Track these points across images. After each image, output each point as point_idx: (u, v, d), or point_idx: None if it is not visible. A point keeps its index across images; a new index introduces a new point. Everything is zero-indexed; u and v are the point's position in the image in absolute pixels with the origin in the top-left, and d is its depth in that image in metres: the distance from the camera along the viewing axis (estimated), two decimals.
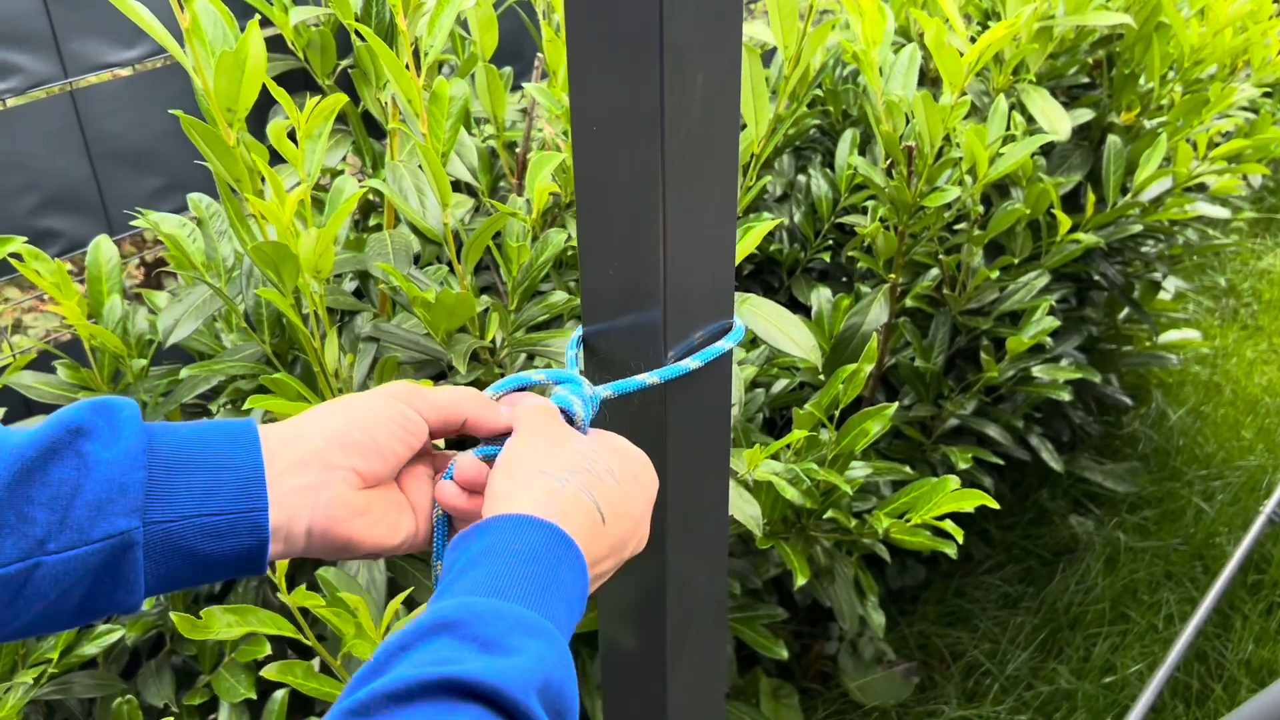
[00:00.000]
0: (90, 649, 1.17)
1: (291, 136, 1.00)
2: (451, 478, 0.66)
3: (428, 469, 0.68)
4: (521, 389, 0.70)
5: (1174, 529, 2.38)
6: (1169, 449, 2.62)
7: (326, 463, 0.60)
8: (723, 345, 0.73)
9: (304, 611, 1.04)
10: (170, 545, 0.55)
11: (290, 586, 0.98)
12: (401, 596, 0.94)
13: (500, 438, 0.67)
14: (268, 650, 1.15)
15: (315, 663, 1.08)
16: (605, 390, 0.69)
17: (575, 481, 0.61)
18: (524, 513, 0.58)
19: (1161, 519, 2.41)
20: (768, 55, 1.94)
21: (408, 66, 1.07)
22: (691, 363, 0.70)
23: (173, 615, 0.99)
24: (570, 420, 0.68)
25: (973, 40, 1.60)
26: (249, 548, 0.57)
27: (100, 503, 0.53)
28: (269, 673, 1.02)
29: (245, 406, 0.98)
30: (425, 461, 0.68)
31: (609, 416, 0.73)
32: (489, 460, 0.66)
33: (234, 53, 0.89)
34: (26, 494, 0.52)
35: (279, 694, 1.15)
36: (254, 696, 1.15)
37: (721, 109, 0.66)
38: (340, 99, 1.00)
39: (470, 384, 1.16)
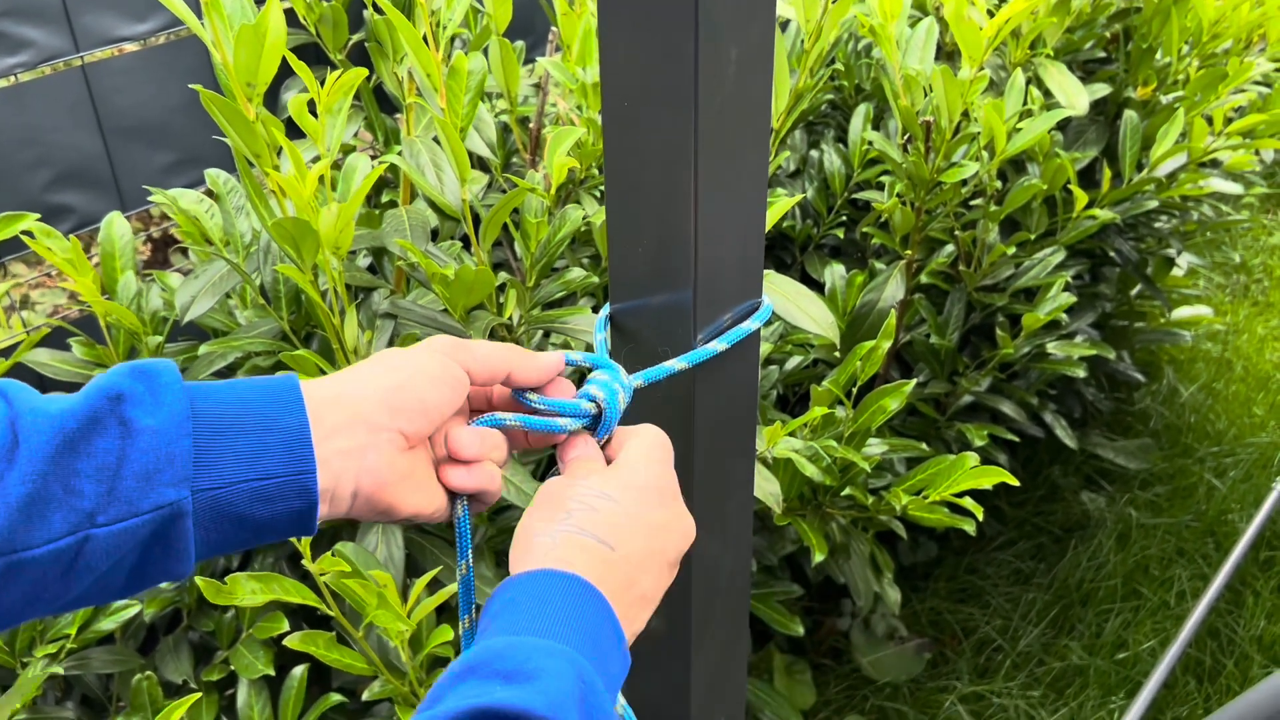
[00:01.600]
0: (108, 624, 1.17)
1: (310, 110, 0.99)
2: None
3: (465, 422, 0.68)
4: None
5: (1186, 505, 2.38)
6: (1180, 425, 2.62)
7: (372, 424, 0.59)
8: (750, 326, 0.72)
9: (324, 584, 1.04)
10: (219, 511, 0.55)
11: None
12: (428, 577, 0.94)
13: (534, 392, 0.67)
14: (286, 626, 1.15)
15: (334, 635, 1.08)
16: (636, 380, 0.69)
17: (565, 527, 0.61)
18: (531, 569, 0.58)
19: (1173, 495, 2.41)
20: (780, 26, 1.92)
21: (426, 40, 1.06)
22: (719, 345, 0.69)
23: (198, 580, 0.99)
24: (595, 419, 0.68)
25: (990, 14, 1.58)
26: (298, 510, 0.57)
27: (148, 473, 0.52)
28: (292, 642, 1.03)
29: None
30: (461, 419, 0.67)
31: (636, 401, 0.73)
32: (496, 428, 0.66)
33: (254, 26, 0.88)
34: (72, 465, 0.51)
35: (298, 670, 1.16)
36: (272, 673, 1.15)
37: (754, 84, 0.65)
38: (360, 73, 0.99)
39: None
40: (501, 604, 0.57)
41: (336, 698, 1.16)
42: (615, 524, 0.61)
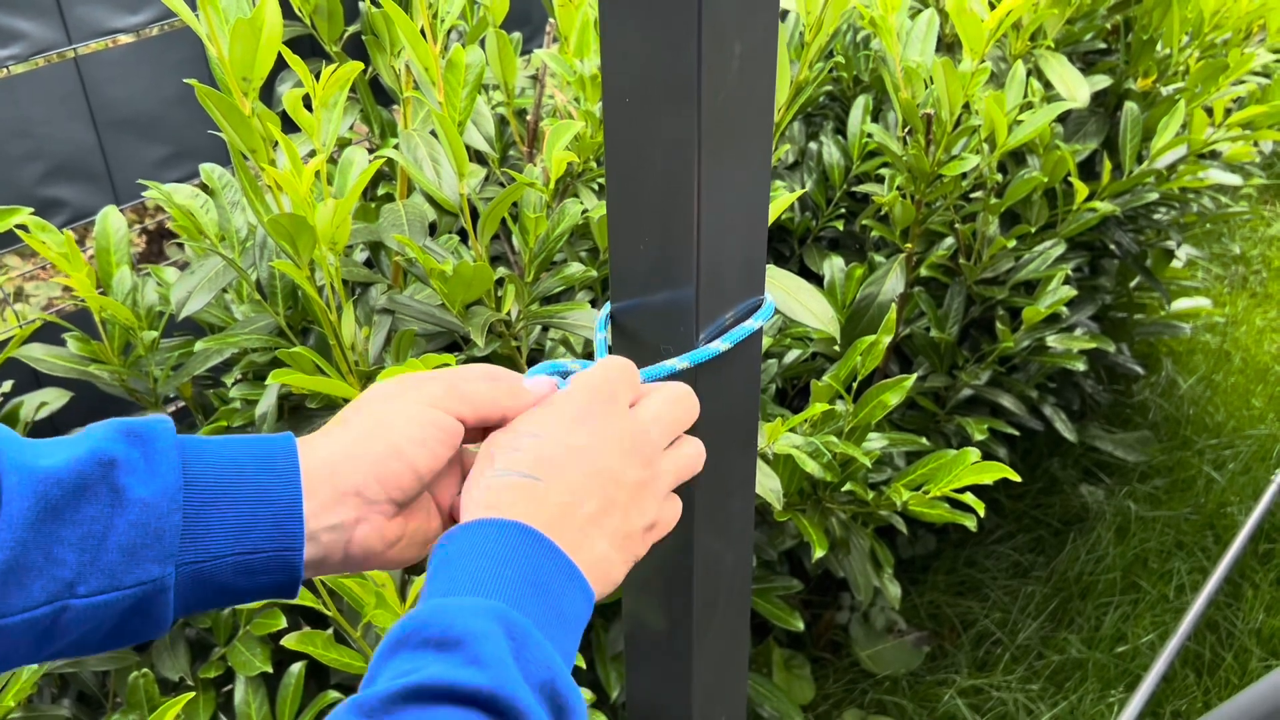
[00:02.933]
0: None
1: (305, 104, 0.98)
2: None
3: (457, 466, 0.65)
4: (564, 374, 0.68)
5: (1185, 498, 2.38)
6: (1179, 418, 2.61)
7: (364, 498, 0.58)
8: (753, 324, 0.71)
9: (321, 583, 1.03)
10: (201, 582, 0.54)
11: None
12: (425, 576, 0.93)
13: None
14: (284, 623, 1.15)
15: (332, 633, 1.07)
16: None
17: (490, 474, 0.58)
18: (477, 518, 0.56)
19: (1172, 488, 2.41)
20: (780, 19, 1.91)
21: (423, 33, 1.05)
22: (722, 344, 0.68)
23: None
24: None
25: (991, 6, 1.57)
26: (281, 584, 0.56)
27: (134, 547, 0.51)
28: (289, 642, 1.02)
29: (267, 381, 0.97)
30: (455, 460, 0.65)
31: None
32: None
33: (249, 20, 0.87)
34: (55, 533, 0.50)
35: (295, 667, 1.15)
36: (270, 670, 1.14)
37: (758, 78, 0.64)
38: (356, 67, 0.98)
39: (486, 358, 1.15)
40: (435, 564, 0.54)
41: (334, 695, 1.16)
42: (539, 456, 0.58)
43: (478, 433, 0.64)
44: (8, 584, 0.49)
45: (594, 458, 0.59)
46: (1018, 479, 1.20)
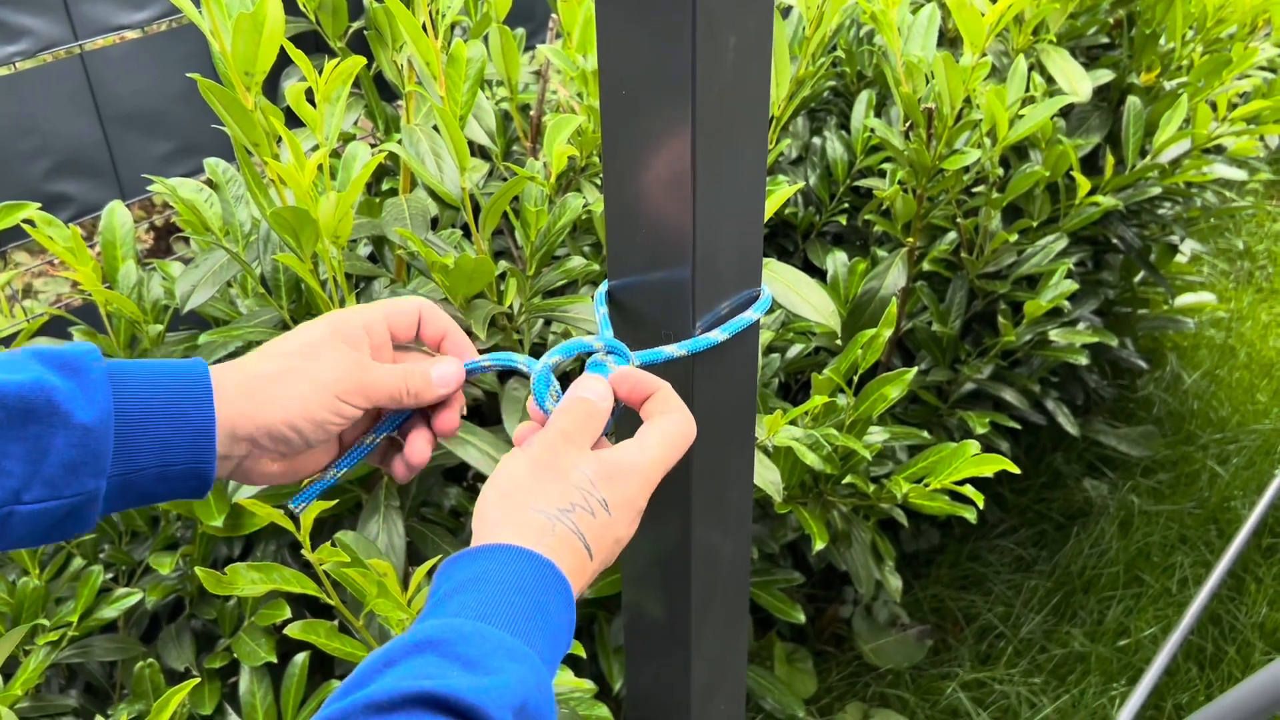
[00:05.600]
0: (110, 612, 1.17)
1: (308, 99, 0.99)
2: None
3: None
4: (506, 366, 0.72)
5: (1188, 492, 2.38)
6: (1183, 412, 2.61)
7: (256, 444, 0.64)
8: (750, 316, 0.72)
9: (324, 573, 1.04)
10: (126, 489, 0.61)
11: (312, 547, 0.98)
12: (428, 565, 0.94)
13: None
14: (288, 614, 1.15)
15: (336, 623, 1.08)
16: (634, 361, 0.69)
17: (566, 521, 0.61)
18: (515, 544, 0.58)
19: (1176, 483, 2.41)
20: (781, 13, 1.91)
21: (425, 28, 1.05)
22: (719, 334, 0.69)
23: (198, 570, 0.99)
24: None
25: (992, 0, 1.57)
26: (194, 489, 0.63)
27: (74, 465, 0.57)
28: (293, 631, 1.03)
29: None
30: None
31: None
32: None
33: (252, 15, 0.88)
34: (3, 448, 0.56)
35: (299, 658, 1.16)
36: (275, 660, 1.15)
37: (753, 71, 0.64)
38: (358, 61, 0.98)
39: (489, 350, 1.15)
40: (475, 573, 0.57)
41: (338, 684, 1.16)
42: (601, 536, 0.62)
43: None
44: None
45: (625, 540, 0.64)
46: (1017, 471, 1.20)
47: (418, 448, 0.71)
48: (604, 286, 0.73)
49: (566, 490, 0.62)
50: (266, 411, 0.63)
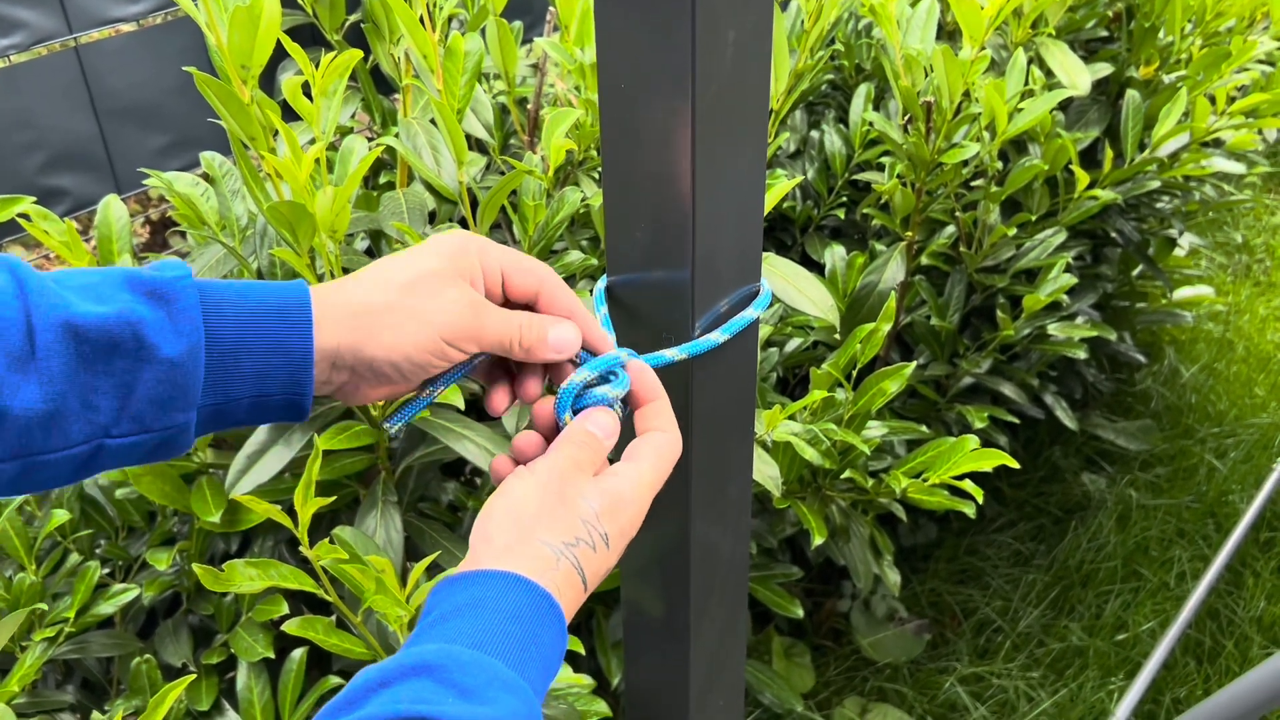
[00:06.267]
0: (107, 608, 1.17)
1: (305, 92, 0.99)
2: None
3: None
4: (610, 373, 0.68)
5: (1186, 486, 2.38)
6: (1181, 406, 2.61)
7: (355, 372, 0.62)
8: (750, 315, 0.71)
9: (322, 569, 1.04)
10: (220, 417, 0.59)
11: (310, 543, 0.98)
12: (427, 561, 0.93)
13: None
14: (285, 609, 1.15)
15: (333, 619, 1.08)
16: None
17: (571, 556, 0.60)
18: (517, 572, 0.57)
19: (1174, 476, 2.41)
20: (780, 6, 1.91)
21: (422, 21, 1.05)
22: (719, 336, 0.69)
23: (195, 567, 0.98)
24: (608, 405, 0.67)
25: None
26: (291, 416, 0.61)
27: (162, 399, 0.56)
28: (290, 627, 1.02)
29: None
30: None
31: None
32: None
33: (248, 8, 0.87)
34: (90, 383, 0.54)
35: (297, 653, 1.16)
36: (272, 655, 1.15)
37: (752, 67, 0.64)
38: (355, 55, 0.98)
39: None
40: (474, 598, 0.56)
41: (336, 680, 1.16)
42: (598, 569, 0.62)
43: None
44: (49, 429, 0.53)
45: (615, 561, 0.64)
46: (1015, 465, 1.20)
47: (530, 388, 0.69)
48: (602, 283, 0.72)
49: (572, 524, 0.61)
50: (369, 348, 0.61)
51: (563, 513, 0.61)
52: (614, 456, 0.66)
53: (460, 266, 0.63)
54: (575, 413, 0.67)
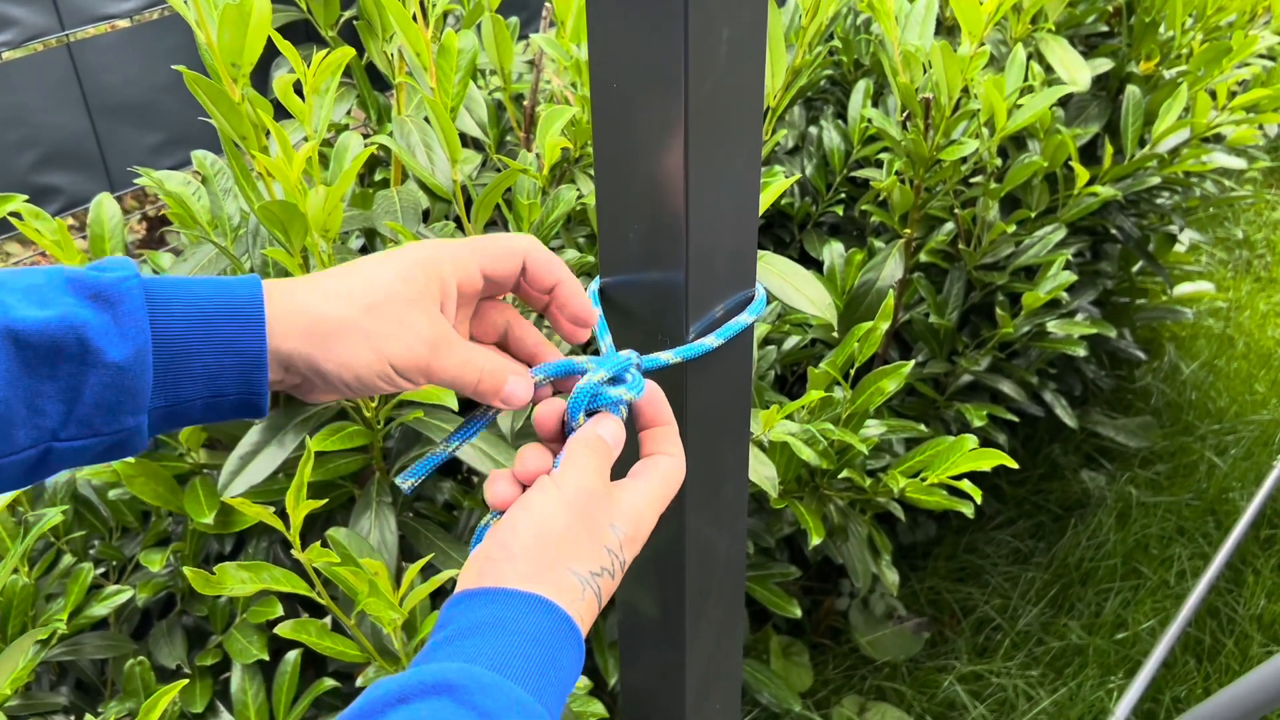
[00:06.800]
0: (100, 610, 1.16)
1: (297, 90, 0.98)
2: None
3: None
4: (569, 374, 0.67)
5: (1186, 484, 2.37)
6: (1181, 403, 2.60)
7: (308, 379, 0.60)
8: (744, 320, 0.70)
9: (315, 571, 1.03)
10: (172, 417, 0.57)
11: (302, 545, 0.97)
12: (421, 563, 0.93)
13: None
14: (279, 611, 1.14)
15: (327, 621, 1.07)
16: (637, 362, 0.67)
17: (595, 585, 0.60)
18: (542, 594, 0.57)
19: (1174, 474, 2.40)
20: (777, 1, 1.90)
21: (415, 18, 1.04)
22: (713, 340, 0.68)
23: (186, 570, 0.98)
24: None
25: None
26: (248, 414, 0.59)
27: (109, 404, 0.54)
28: (283, 630, 1.02)
29: None
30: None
31: None
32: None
33: (237, 6, 0.86)
34: (35, 387, 0.52)
35: (291, 655, 1.15)
36: (266, 658, 1.14)
37: (746, 65, 0.63)
38: (347, 52, 0.97)
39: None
40: (495, 616, 0.55)
41: (330, 683, 1.15)
42: (611, 592, 0.61)
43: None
44: None
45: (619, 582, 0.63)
46: (1014, 465, 1.19)
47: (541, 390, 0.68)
48: (596, 283, 0.71)
49: (598, 553, 0.60)
50: (321, 361, 0.59)
51: (591, 539, 0.60)
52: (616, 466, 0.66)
53: (427, 288, 0.61)
54: (588, 414, 0.66)
